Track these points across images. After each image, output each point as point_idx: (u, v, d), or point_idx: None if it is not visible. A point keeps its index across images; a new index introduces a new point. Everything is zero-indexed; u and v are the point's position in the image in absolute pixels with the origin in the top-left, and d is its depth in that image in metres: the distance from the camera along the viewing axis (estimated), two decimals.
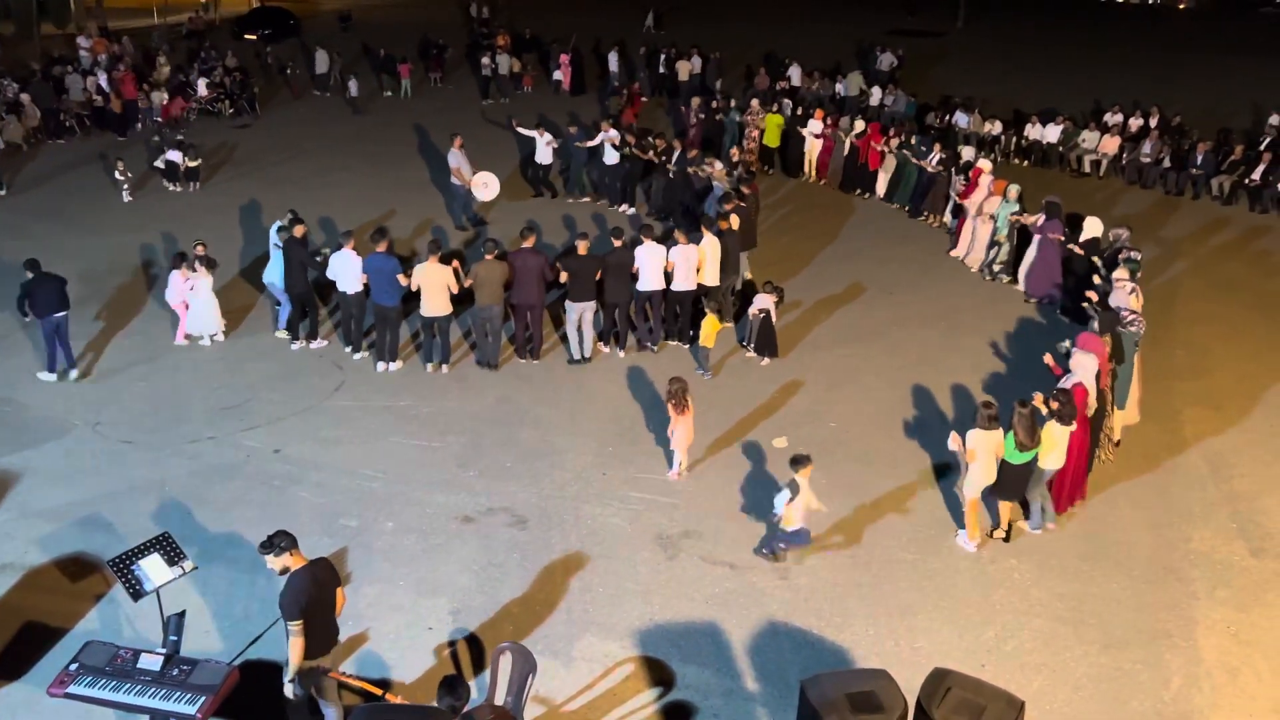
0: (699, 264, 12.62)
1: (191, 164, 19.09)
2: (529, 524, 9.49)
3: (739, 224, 13.48)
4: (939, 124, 21.89)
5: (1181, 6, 50.89)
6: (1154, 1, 52.02)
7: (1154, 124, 20.81)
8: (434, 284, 11.78)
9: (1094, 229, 13.84)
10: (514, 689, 6.57)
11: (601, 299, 12.58)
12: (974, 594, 8.63)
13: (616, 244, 12.56)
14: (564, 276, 12.16)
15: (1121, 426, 10.75)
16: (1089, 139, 20.64)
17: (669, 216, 17.01)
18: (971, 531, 9.14)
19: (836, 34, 33.36)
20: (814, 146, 19.93)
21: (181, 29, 33.71)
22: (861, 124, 19.40)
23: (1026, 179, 17.78)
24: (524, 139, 18.77)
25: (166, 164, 19.02)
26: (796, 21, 38.21)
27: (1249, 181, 18.63)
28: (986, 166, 16.10)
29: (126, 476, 10.19)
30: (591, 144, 17.85)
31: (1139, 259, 12.44)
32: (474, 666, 7.80)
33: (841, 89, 24.46)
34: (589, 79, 27.53)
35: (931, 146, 17.95)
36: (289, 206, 14.15)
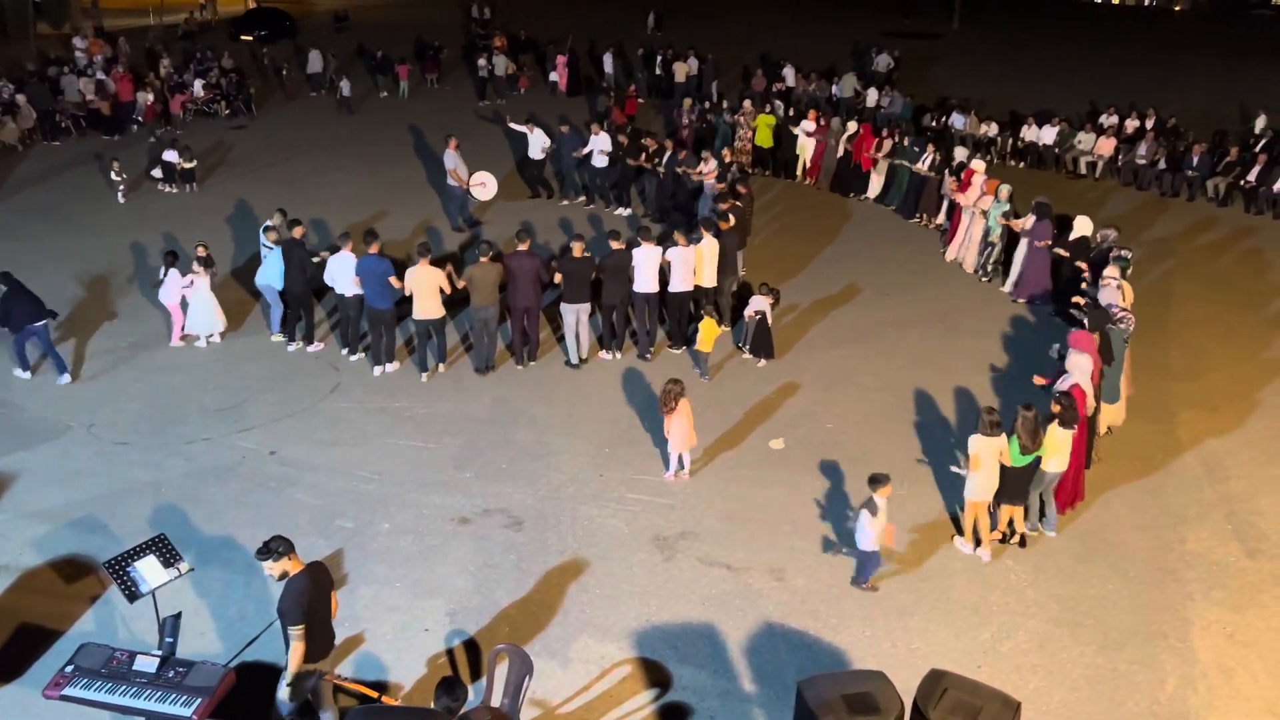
0: (696, 266, 12.63)
1: (187, 165, 19.07)
2: (525, 525, 9.48)
3: (734, 223, 13.48)
4: (935, 125, 21.93)
5: (1177, 9, 51.05)
6: (1150, 3, 52.18)
7: (1150, 126, 20.85)
8: (426, 287, 11.77)
9: (1083, 228, 13.88)
10: (511, 691, 6.57)
11: (598, 301, 12.58)
12: (970, 595, 8.64)
13: (614, 245, 12.55)
14: (559, 279, 12.15)
15: (1108, 424, 10.79)
16: (1085, 141, 20.67)
17: (666, 218, 17.02)
18: (980, 536, 9.08)
19: (833, 36, 33.39)
20: (806, 147, 19.93)
21: (178, 29, 33.69)
22: (854, 125, 19.39)
23: (1022, 180, 17.83)
24: (520, 140, 18.77)
25: (163, 165, 19.00)
26: (793, 23, 38.22)
27: (1244, 183, 18.67)
28: (979, 167, 16.12)
29: (122, 478, 10.17)
30: (584, 151, 17.81)
31: (1129, 257, 12.50)
32: (470, 668, 7.79)
33: (837, 90, 24.50)
34: (585, 80, 27.54)
35: (925, 148, 17.97)
36: (288, 208, 14.14)
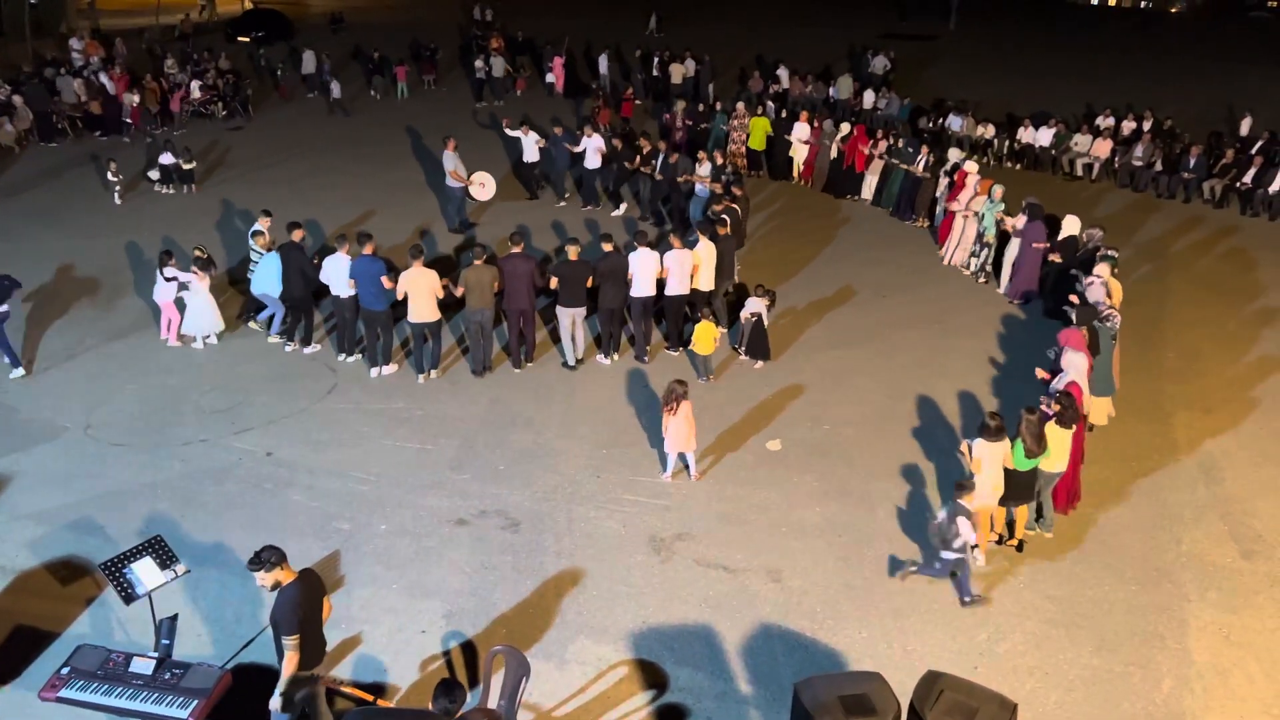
0: (694, 269, 12.63)
1: (187, 166, 19.05)
2: (522, 527, 9.48)
3: (730, 225, 13.48)
4: (932, 127, 21.95)
5: (1173, 10, 51.15)
6: (1146, 5, 52.26)
7: (1146, 127, 20.89)
8: (420, 290, 11.74)
9: (1071, 227, 13.95)
10: (507, 692, 6.57)
11: (594, 304, 12.57)
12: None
13: (607, 248, 12.53)
14: (553, 283, 12.11)
15: (1092, 422, 10.79)
16: (1081, 142, 20.71)
17: (662, 221, 17.01)
18: (981, 542, 9.08)
19: (829, 37, 33.39)
20: (800, 149, 19.93)
21: (175, 30, 33.64)
22: (846, 127, 19.41)
23: (1019, 182, 17.85)
24: (517, 141, 18.76)
25: (161, 167, 18.98)
26: (790, 25, 38.22)
27: (1240, 185, 18.72)
28: (972, 168, 16.15)
29: (118, 479, 10.15)
30: (579, 149, 17.83)
31: (1115, 257, 12.65)
32: (468, 670, 7.79)
33: (833, 92, 24.52)
34: (581, 81, 27.55)
35: (919, 149, 17.99)
36: (285, 209, 14.13)
